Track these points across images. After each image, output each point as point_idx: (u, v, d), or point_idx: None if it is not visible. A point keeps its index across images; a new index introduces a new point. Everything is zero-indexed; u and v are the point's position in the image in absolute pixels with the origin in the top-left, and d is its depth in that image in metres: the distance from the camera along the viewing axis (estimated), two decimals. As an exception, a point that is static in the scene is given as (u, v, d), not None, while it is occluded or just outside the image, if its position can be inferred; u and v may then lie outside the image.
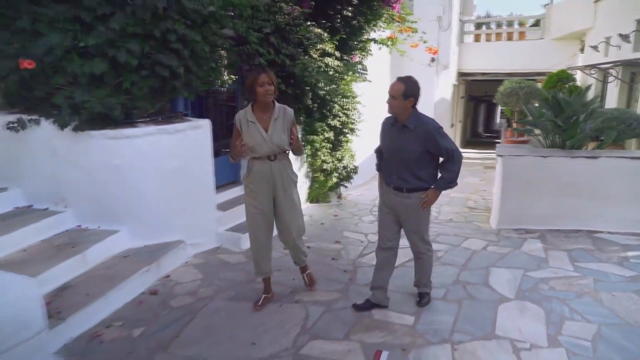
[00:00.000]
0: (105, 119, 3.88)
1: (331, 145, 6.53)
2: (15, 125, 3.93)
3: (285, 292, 3.66)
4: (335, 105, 6.34)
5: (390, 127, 3.14)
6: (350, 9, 6.82)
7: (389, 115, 3.14)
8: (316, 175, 6.52)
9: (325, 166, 6.37)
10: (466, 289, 3.75)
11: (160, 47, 3.90)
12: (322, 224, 5.64)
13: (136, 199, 4.10)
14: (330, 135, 6.42)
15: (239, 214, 5.05)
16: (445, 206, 6.84)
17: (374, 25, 7.23)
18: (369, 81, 7.30)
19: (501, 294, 3.64)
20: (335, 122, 6.46)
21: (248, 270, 4.11)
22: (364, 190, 8.09)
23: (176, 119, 4.48)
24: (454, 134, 13.71)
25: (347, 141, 6.93)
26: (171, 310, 3.33)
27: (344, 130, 6.71)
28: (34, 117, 3.97)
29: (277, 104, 3.21)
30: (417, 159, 3.01)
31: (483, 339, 2.98)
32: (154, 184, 4.12)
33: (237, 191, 5.51)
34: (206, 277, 3.94)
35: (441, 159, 3.10)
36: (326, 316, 3.28)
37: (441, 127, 3.06)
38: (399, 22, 8.07)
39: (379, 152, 3.36)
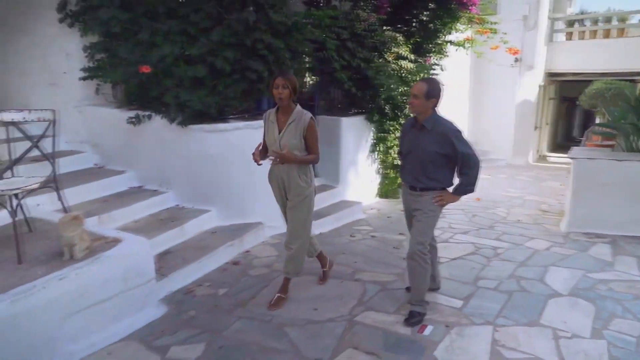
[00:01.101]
0: (203, 115, 4.59)
1: (403, 144, 6.82)
2: (134, 119, 4.80)
3: (348, 271, 4.10)
4: (407, 105, 6.63)
5: (411, 129, 3.20)
6: (426, 13, 7.06)
7: (409, 117, 3.28)
8: (387, 172, 6.87)
9: (395, 163, 6.69)
10: (519, 283, 3.92)
11: (249, 54, 4.54)
12: (388, 217, 5.99)
13: (225, 185, 4.78)
14: (402, 134, 6.73)
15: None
16: (517, 208, 6.83)
17: (450, 28, 7.38)
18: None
19: (554, 290, 3.77)
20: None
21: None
22: (436, 189, 8.25)
23: (260, 116, 5.10)
24: (539, 137, 13.16)
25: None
26: (250, 277, 3.93)
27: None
28: (147, 113, 4.81)
29: (297, 108, 3.23)
30: (432, 160, 3.05)
31: (526, 325, 3.19)
32: (240, 172, 4.77)
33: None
34: (280, 254, 4.50)
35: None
36: (381, 294, 3.68)
37: (460, 131, 3.05)
38: (478, 23, 8.11)
39: (399, 154, 3.47)
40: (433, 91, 3.01)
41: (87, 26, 4.90)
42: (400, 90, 6.41)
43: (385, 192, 7.02)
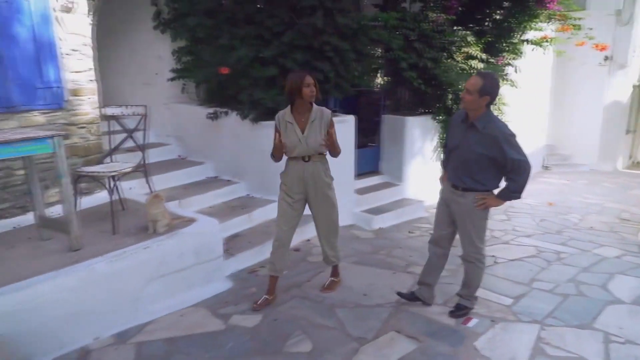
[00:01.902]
0: (274, 112, 4.96)
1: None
2: (212, 115, 5.32)
3: (401, 264, 4.26)
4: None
5: (460, 124, 3.02)
6: (500, 11, 6.93)
7: (461, 110, 3.08)
8: (452, 172, 6.86)
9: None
10: (578, 287, 3.84)
11: (317, 56, 4.85)
12: (450, 216, 6.01)
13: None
14: (469, 134, 6.68)
15: (373, 199, 5.81)
16: (593, 215, 6.50)
17: (526, 27, 7.16)
18: (511, 82, 7.25)
19: (616, 297, 3.65)
20: (474, 123, 6.69)
21: (374, 244, 4.84)
22: (506, 192, 8.03)
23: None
24: (632, 142, 12.14)
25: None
26: (307, 263, 4.24)
27: (485, 130, 6.88)
28: (225, 110, 5.30)
29: (314, 105, 3.23)
30: (477, 161, 2.90)
31: (576, 327, 3.16)
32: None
33: (375, 180, 6.25)
34: (339, 244, 4.77)
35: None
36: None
37: (512, 135, 2.85)
38: (560, 20, 7.77)
39: (444, 147, 3.35)
40: (488, 87, 2.79)
41: (177, 32, 5.50)
42: (468, 90, 6.38)
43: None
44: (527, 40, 7.50)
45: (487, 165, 2.90)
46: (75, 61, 4.09)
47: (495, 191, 3.05)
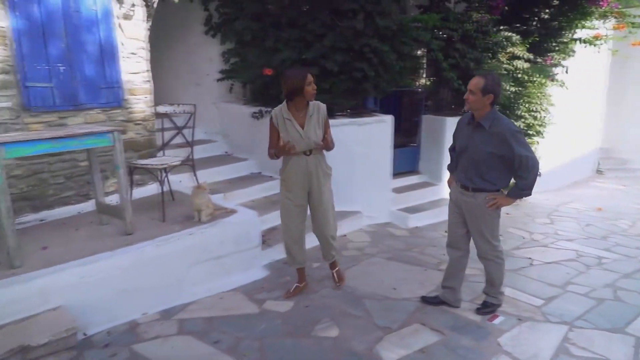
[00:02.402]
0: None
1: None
2: (257, 114, 5.60)
3: (433, 262, 4.34)
4: (520, 107, 6.48)
5: (466, 126, 3.07)
6: (548, 10, 6.77)
7: (467, 113, 3.12)
8: (494, 173, 6.79)
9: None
10: (615, 293, 3.76)
11: (357, 57, 5.00)
12: (490, 218, 5.97)
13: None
14: (513, 136, 6.58)
15: (411, 198, 5.88)
16: (647, 221, 6.23)
17: (577, 25, 6.95)
18: (560, 82, 7.04)
19: (655, 304, 3.56)
20: (519, 124, 6.58)
21: (408, 242, 4.93)
22: (552, 196, 7.81)
23: (365, 114, 5.55)
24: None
25: (531, 143, 6.91)
26: (342, 257, 4.40)
27: (529, 132, 6.75)
28: (268, 109, 5.56)
29: (312, 101, 3.31)
30: (485, 160, 2.92)
31: (607, 331, 3.13)
32: (343, 164, 5.25)
33: (413, 179, 6.31)
34: (373, 241, 4.90)
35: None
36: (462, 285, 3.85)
37: (519, 131, 2.88)
38: (617, 17, 7.46)
39: (452, 150, 3.36)
40: (490, 86, 2.82)
41: (226, 35, 5.83)
42: (512, 90, 6.31)
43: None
44: (578, 39, 7.27)
45: (496, 164, 2.92)
46: (133, 63, 4.47)
47: (506, 191, 3.08)
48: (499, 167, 2.93)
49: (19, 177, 3.79)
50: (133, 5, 4.37)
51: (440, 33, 5.99)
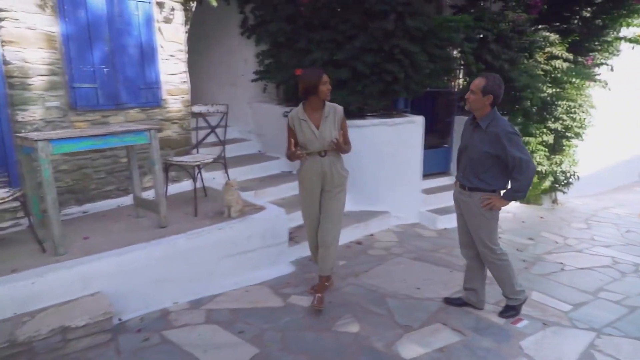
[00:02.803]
0: (344, 112, 5.24)
1: (549, 149, 6.51)
2: (288, 114, 5.71)
3: (460, 264, 4.30)
4: (558, 108, 6.31)
5: (469, 126, 3.10)
6: (590, 8, 6.55)
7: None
8: (530, 176, 6.65)
9: (539, 168, 6.43)
10: (651, 301, 3.64)
11: (387, 58, 5.03)
12: (523, 222, 5.86)
13: (358, 175, 5.36)
14: (550, 138, 6.43)
15: (441, 200, 5.85)
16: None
17: (621, 24, 6.69)
18: (602, 83, 6.78)
19: (693, 314, 3.42)
20: (556, 125, 6.42)
21: (436, 243, 4.92)
22: (592, 200, 7.56)
23: (396, 114, 5.57)
24: None
25: (569, 146, 6.72)
26: (368, 256, 4.46)
27: (567, 134, 6.57)
28: (300, 109, 5.68)
29: (327, 102, 3.29)
30: (480, 159, 2.95)
31: (637, 340, 3.04)
32: (372, 164, 5.31)
33: (444, 180, 6.26)
34: (400, 241, 4.92)
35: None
36: (487, 287, 3.80)
37: (514, 133, 2.86)
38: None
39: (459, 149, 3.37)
40: (490, 87, 2.85)
41: (260, 37, 5.99)
42: (550, 91, 6.16)
43: (526, 197, 6.79)
44: (623, 38, 7.00)
45: (491, 164, 2.94)
46: (171, 65, 4.69)
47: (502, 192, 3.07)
48: (494, 168, 2.95)
49: (66, 171, 4.07)
50: (172, 9, 4.58)
51: (475, 33, 5.92)
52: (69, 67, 3.95)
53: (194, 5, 4.94)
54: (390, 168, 5.38)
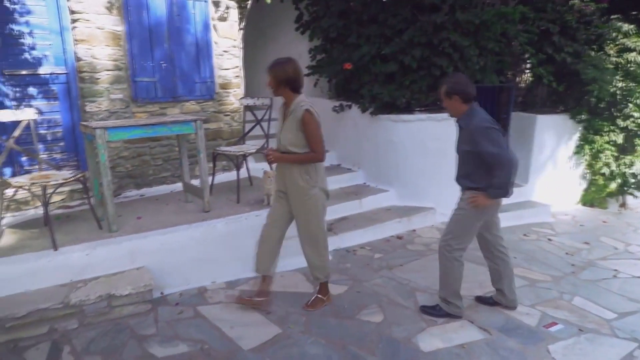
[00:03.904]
0: (391, 106, 5.25)
1: (618, 148, 6.05)
2: (337, 108, 5.83)
3: (501, 264, 4.18)
4: (630, 105, 5.84)
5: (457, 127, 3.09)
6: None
7: None
8: (595, 178, 6.21)
9: (605, 170, 6.00)
10: None
11: (436, 52, 4.96)
12: (581, 225, 5.51)
13: (404, 170, 5.36)
14: (619, 137, 5.96)
15: (491, 198, 5.65)
16: None
17: None
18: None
19: None
20: (627, 124, 5.94)
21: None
22: (671, 207, 6.88)
23: (445, 109, 5.46)
24: None
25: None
26: (406, 250, 4.45)
27: (640, 132, 6.05)
28: (348, 103, 5.76)
29: (297, 99, 2.91)
30: (464, 158, 2.95)
31: (685, 355, 2.81)
32: (418, 160, 5.26)
33: (497, 179, 6.04)
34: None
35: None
36: (524, 289, 3.69)
37: (490, 127, 2.75)
38: None
39: None
40: (451, 88, 2.85)
41: (313, 32, 6.13)
42: (620, 85, 5.72)
43: (590, 199, 6.36)
44: None
45: (473, 162, 2.88)
46: (225, 60, 4.97)
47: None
48: (478, 166, 2.87)
49: (126, 157, 4.48)
50: (227, 7, 4.85)
51: (536, 25, 5.64)
52: (131, 62, 4.34)
53: (249, 3, 5.19)
54: (437, 164, 5.29)
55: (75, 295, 2.89)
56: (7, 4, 3.74)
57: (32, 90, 3.93)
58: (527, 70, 6.58)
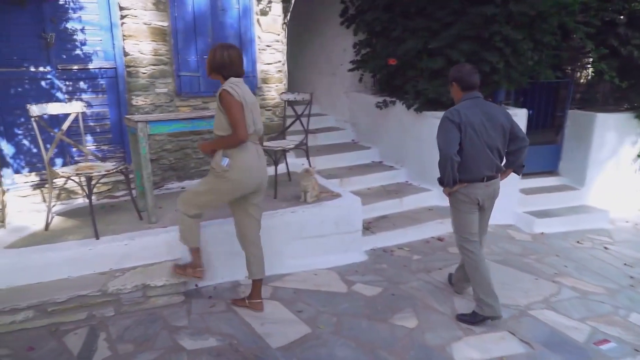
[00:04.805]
0: (437, 103, 5.06)
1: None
2: (381, 104, 5.69)
3: (549, 272, 3.92)
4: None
5: None
6: None
7: None
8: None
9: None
10: None
11: (486, 46, 4.70)
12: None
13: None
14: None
15: (542, 201, 5.36)
16: None
17: None
18: None
19: None
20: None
21: (527, 247, 4.54)
22: None
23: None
24: None
25: None
26: (446, 253, 4.28)
27: None
28: (392, 99, 5.61)
29: (225, 82, 2.84)
30: None
31: None
32: (464, 158, 5.03)
33: (549, 180, 5.71)
34: (488, 241, 4.60)
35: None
36: (574, 300, 3.44)
37: (444, 117, 2.88)
38: None
39: None
40: (452, 76, 3.01)
41: (358, 26, 6.01)
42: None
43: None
44: None
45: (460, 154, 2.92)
46: (268, 55, 4.96)
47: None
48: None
49: (169, 150, 4.58)
50: (270, 1, 4.83)
51: (598, 17, 5.22)
52: (176, 57, 4.42)
53: (293, -4, 5.14)
54: (484, 164, 5.05)
55: (112, 283, 2.98)
56: (62, 1, 3.91)
57: (82, 84, 4.09)
58: (588, 65, 6.14)
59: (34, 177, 4.01)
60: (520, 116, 5.06)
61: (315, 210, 3.87)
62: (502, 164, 3.08)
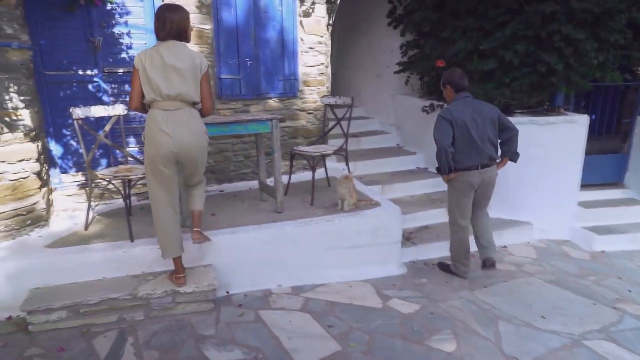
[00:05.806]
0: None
1: None
2: (427, 108, 5.43)
3: (609, 297, 3.56)
4: None
5: None
6: None
7: None
8: None
9: None
10: None
11: (543, 47, 4.36)
12: None
13: (498, 177, 4.81)
14: None
15: (603, 215, 4.91)
16: None
17: None
18: None
19: None
20: None
21: (584, 267, 4.17)
22: None
23: (552, 112, 4.81)
24: None
25: None
26: (492, 269, 3.98)
27: None
28: (440, 103, 5.33)
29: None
30: None
31: None
32: (516, 167, 4.65)
33: (613, 193, 5.22)
34: (539, 258, 4.28)
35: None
36: (639, 332, 3.07)
37: (439, 116, 3.41)
38: None
39: None
40: (443, 80, 3.59)
41: (406, 27, 5.79)
42: None
43: None
44: None
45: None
46: (310, 57, 4.86)
47: None
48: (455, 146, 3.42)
49: (209, 153, 4.55)
50: (313, 3, 4.72)
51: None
52: (217, 60, 4.41)
53: (339, -2, 5.01)
54: (538, 173, 4.69)
55: (143, 287, 2.97)
56: (109, 7, 3.99)
57: (127, 87, 4.16)
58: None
59: (79, 177, 4.13)
60: (579, 123, 4.66)
61: (352, 220, 3.71)
62: (499, 154, 3.57)
